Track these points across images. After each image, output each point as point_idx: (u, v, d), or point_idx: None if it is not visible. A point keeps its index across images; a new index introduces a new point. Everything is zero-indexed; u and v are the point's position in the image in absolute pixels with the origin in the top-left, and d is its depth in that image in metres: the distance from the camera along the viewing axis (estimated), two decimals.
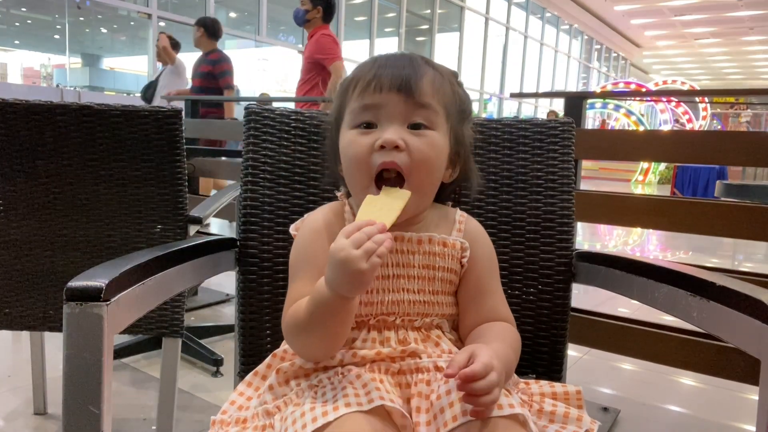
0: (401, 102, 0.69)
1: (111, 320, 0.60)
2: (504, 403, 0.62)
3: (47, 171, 1.23)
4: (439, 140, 0.71)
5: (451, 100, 0.74)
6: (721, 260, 4.78)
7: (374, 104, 0.70)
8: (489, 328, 0.74)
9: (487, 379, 0.59)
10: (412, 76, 0.70)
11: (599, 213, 1.74)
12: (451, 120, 0.74)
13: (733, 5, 14.14)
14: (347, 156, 0.72)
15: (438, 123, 0.71)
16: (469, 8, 13.24)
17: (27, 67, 10.64)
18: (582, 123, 2.00)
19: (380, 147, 0.68)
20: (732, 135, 1.71)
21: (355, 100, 0.72)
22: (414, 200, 0.69)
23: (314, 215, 0.78)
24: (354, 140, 0.71)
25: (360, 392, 0.62)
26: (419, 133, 0.70)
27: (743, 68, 22.89)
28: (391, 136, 0.68)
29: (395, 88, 0.69)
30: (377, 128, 0.70)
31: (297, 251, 0.76)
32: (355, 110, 0.72)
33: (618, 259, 0.84)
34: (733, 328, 0.63)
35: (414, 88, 0.69)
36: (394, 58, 0.73)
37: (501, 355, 0.65)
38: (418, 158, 0.69)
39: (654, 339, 1.56)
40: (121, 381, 1.84)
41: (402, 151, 0.68)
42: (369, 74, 0.71)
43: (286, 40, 10.22)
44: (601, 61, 20.03)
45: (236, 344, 0.91)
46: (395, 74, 0.70)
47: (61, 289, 0.58)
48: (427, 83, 0.71)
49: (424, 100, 0.70)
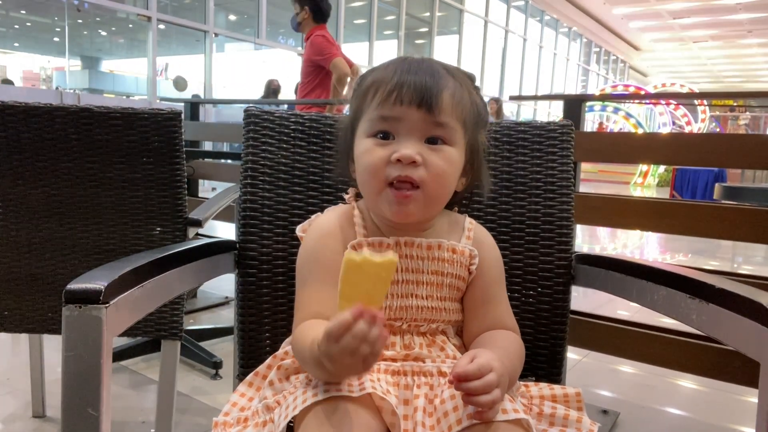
0: (420, 118, 0.69)
1: (110, 323, 0.60)
2: (509, 408, 0.62)
3: (46, 173, 1.23)
4: (455, 155, 0.71)
5: (469, 112, 0.73)
6: (720, 263, 4.78)
7: (394, 117, 0.69)
8: (492, 336, 0.74)
9: (483, 379, 0.59)
10: (433, 90, 0.69)
11: (598, 215, 1.74)
12: (468, 133, 0.73)
13: (731, 8, 14.17)
14: (362, 164, 0.72)
15: (456, 139, 0.71)
16: (468, 11, 13.26)
17: (26, 69, 10.65)
18: (581, 125, 2.00)
19: (397, 161, 0.68)
20: (731, 138, 1.72)
21: (375, 108, 0.71)
22: (425, 209, 0.70)
23: (323, 218, 0.77)
24: (370, 150, 0.70)
25: (353, 381, 0.63)
26: (436, 148, 0.69)
27: (742, 71, 22.93)
28: (408, 152, 0.67)
29: (416, 103, 0.68)
30: (395, 140, 0.70)
31: (306, 254, 0.75)
32: (373, 119, 0.71)
33: (617, 261, 0.84)
34: (733, 331, 0.63)
35: (434, 104, 0.68)
36: (417, 66, 0.71)
37: (503, 359, 0.65)
38: (434, 173, 0.69)
39: (653, 341, 1.56)
40: (119, 384, 1.83)
41: (418, 166, 0.68)
42: (390, 83, 0.70)
43: (286, 43, 10.24)
44: (600, 63, 20.06)
45: (235, 346, 0.91)
46: (416, 88, 0.69)
47: (59, 291, 0.58)
48: (447, 98, 0.70)
49: (443, 118, 0.69)
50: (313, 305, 0.70)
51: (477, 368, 0.59)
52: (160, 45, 8.19)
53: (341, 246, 0.73)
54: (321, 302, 0.70)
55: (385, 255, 0.57)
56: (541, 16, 15.81)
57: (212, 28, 8.53)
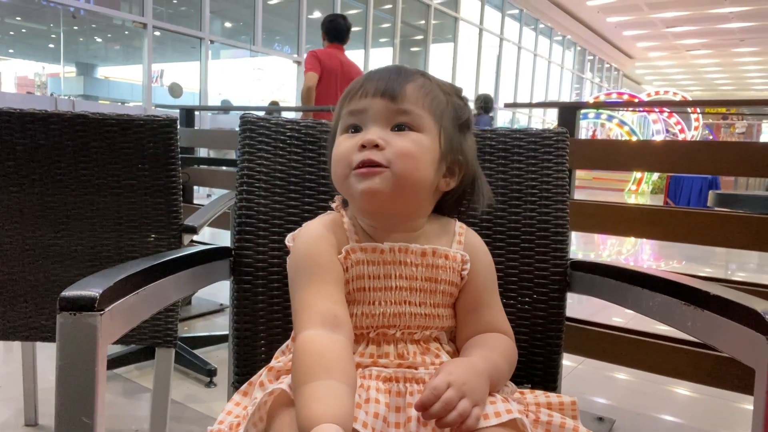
0: (384, 106, 0.71)
1: (105, 330, 0.60)
2: (501, 410, 0.62)
3: (41, 180, 1.22)
4: (423, 139, 0.71)
5: (442, 106, 0.74)
6: (714, 270, 4.80)
7: (359, 109, 0.72)
8: (479, 339, 0.74)
9: (441, 399, 0.60)
10: (396, 81, 0.72)
11: (593, 222, 1.74)
12: (443, 124, 0.73)
13: (724, 17, 14.30)
14: (333, 157, 0.74)
15: (424, 126, 0.71)
16: (463, 19, 13.33)
17: (21, 76, 10.62)
18: (576, 133, 2.01)
19: (361, 146, 0.69)
20: (724, 145, 1.73)
21: (345, 107, 0.74)
22: (393, 190, 0.68)
23: (313, 225, 0.77)
24: (340, 143, 0.73)
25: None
26: (402, 133, 0.71)
27: (734, 79, 23.11)
28: (370, 136, 0.69)
29: (379, 93, 0.71)
30: (362, 131, 0.72)
31: (298, 257, 0.73)
32: (344, 116, 0.74)
33: (613, 268, 0.85)
34: (728, 338, 0.63)
35: (397, 92, 0.71)
36: (385, 70, 0.75)
37: (476, 364, 0.66)
38: (400, 152, 0.69)
39: (649, 348, 1.57)
40: (113, 392, 1.82)
41: (382, 149, 0.69)
42: (358, 84, 0.74)
43: (282, 50, 10.26)
44: (594, 71, 20.17)
45: (230, 354, 0.90)
46: (380, 82, 0.72)
47: (53, 298, 0.58)
48: (412, 89, 0.72)
49: (406, 106, 0.71)
50: (320, 303, 0.68)
51: (430, 392, 0.60)
52: (155, 52, 8.19)
53: (334, 250, 0.72)
54: (327, 298, 0.68)
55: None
56: (536, 24, 15.91)
57: (208, 35, 8.54)
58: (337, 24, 3.90)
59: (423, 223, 0.76)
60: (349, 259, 0.72)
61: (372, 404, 0.63)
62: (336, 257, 0.72)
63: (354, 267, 0.72)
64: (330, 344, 0.64)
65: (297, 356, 0.64)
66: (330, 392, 0.58)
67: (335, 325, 0.66)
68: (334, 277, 0.71)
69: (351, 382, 0.61)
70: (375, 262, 0.72)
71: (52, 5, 7.55)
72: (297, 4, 9.80)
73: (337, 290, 0.70)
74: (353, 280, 0.72)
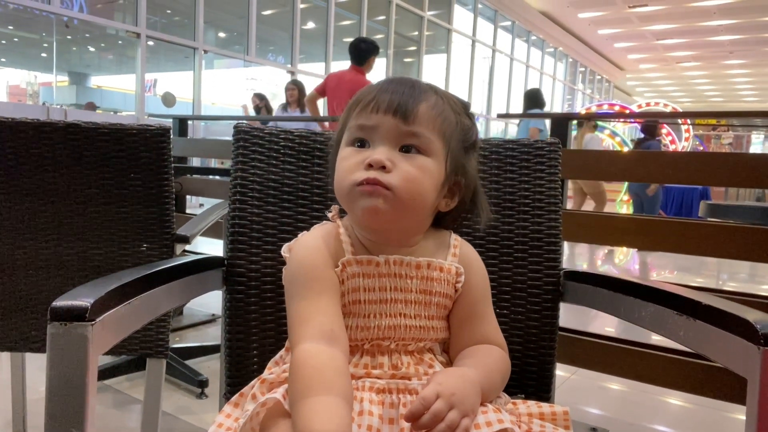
0: (394, 126, 0.70)
1: (96, 341, 0.59)
2: (493, 420, 0.62)
3: (32, 189, 1.21)
4: (430, 165, 0.71)
5: (452, 128, 0.73)
6: (705, 279, 4.83)
7: (370, 126, 0.71)
8: (472, 350, 0.74)
9: (430, 410, 0.59)
10: (409, 100, 0.70)
11: (586, 233, 1.75)
12: (451, 148, 0.73)
13: (713, 30, 14.47)
14: (337, 170, 0.73)
15: (432, 150, 0.71)
16: (456, 30, 13.42)
17: (13, 84, 10.58)
18: (568, 143, 2.02)
19: (368, 165, 0.69)
20: (714, 156, 1.75)
21: (354, 119, 0.73)
22: (395, 213, 0.69)
23: (309, 235, 0.77)
24: (346, 156, 0.72)
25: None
26: (409, 156, 0.70)
27: (724, 91, 23.36)
28: (378, 157, 0.68)
29: (391, 111, 0.70)
30: (370, 147, 0.71)
31: (295, 269, 0.73)
32: (352, 128, 0.73)
33: (605, 278, 0.85)
34: (720, 347, 0.63)
35: (409, 112, 0.70)
36: (398, 83, 0.73)
37: (468, 374, 0.66)
38: (405, 177, 0.68)
39: (641, 358, 1.57)
40: (103, 403, 1.80)
41: (389, 171, 0.68)
42: (369, 96, 0.72)
43: (275, 60, 10.28)
44: (585, 83, 20.33)
45: (222, 365, 0.89)
46: (393, 97, 0.70)
47: (43, 309, 0.57)
48: (425, 109, 0.71)
49: (416, 127, 0.70)
50: (317, 316, 0.68)
51: (419, 403, 0.60)
52: (148, 61, 8.18)
53: (331, 261, 0.72)
54: (324, 311, 0.68)
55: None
56: (528, 36, 16.03)
57: (201, 44, 8.55)
58: (351, 46, 4.44)
59: (419, 238, 0.77)
60: (345, 272, 0.72)
61: (366, 416, 0.63)
62: (332, 270, 0.72)
63: (350, 280, 0.72)
64: (328, 360, 0.64)
65: (295, 370, 0.63)
66: (330, 408, 0.58)
67: (332, 339, 0.66)
68: (330, 290, 0.70)
69: (348, 398, 0.61)
70: (371, 275, 0.72)
71: (45, 14, 7.54)
72: (291, 15, 9.83)
73: (334, 303, 0.70)
74: (349, 292, 0.72)
